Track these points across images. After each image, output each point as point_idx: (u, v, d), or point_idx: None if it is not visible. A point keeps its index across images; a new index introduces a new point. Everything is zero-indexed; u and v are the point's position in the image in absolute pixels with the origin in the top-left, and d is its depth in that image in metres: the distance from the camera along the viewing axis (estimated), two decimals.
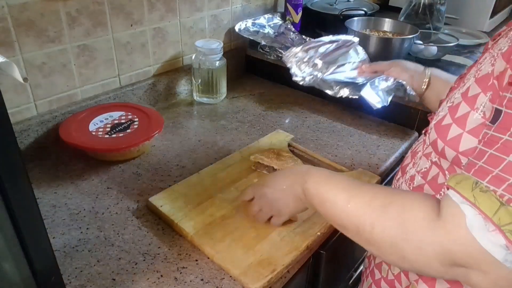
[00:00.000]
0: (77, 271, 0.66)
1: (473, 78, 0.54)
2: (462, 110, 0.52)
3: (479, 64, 0.57)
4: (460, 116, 0.52)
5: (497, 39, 0.58)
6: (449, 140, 0.53)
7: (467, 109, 0.51)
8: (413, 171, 0.63)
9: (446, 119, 0.54)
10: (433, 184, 0.58)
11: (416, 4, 1.43)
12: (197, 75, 1.15)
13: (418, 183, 0.61)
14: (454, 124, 0.52)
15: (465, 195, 0.44)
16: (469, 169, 0.46)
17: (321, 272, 0.83)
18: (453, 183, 0.46)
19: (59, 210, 0.78)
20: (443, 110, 0.57)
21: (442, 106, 0.59)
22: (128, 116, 0.98)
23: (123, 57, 1.05)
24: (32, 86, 0.90)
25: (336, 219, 0.58)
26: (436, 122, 0.56)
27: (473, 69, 0.58)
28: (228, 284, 0.64)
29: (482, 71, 0.52)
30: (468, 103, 0.51)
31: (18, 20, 0.83)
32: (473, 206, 0.43)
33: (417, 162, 0.64)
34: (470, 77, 0.56)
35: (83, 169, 0.90)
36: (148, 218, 0.77)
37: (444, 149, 0.54)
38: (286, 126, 1.09)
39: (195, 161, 0.94)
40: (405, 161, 0.69)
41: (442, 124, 0.54)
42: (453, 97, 0.56)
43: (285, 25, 1.34)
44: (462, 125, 0.51)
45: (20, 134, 0.89)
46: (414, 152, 0.67)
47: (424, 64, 0.93)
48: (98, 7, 0.95)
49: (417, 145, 0.68)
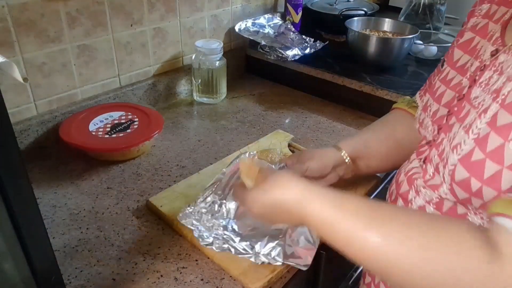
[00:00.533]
0: (77, 271, 0.66)
1: (495, 103, 0.49)
2: (495, 143, 0.46)
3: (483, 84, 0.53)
4: (494, 149, 0.46)
5: (496, 55, 0.55)
6: (487, 179, 0.46)
7: (500, 140, 0.46)
8: (420, 201, 0.58)
9: (475, 154, 0.48)
10: (451, 215, 0.53)
11: (416, 4, 1.43)
12: (197, 75, 1.15)
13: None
14: (489, 159, 0.46)
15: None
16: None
17: (321, 272, 0.83)
18: (501, 209, 0.41)
19: (59, 210, 0.78)
20: (466, 143, 0.50)
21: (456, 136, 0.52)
22: (128, 116, 0.98)
23: (123, 57, 1.05)
24: (32, 86, 0.90)
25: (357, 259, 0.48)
26: (463, 157, 0.49)
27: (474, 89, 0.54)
28: (228, 284, 0.64)
29: (508, 96, 0.47)
30: (500, 134, 0.46)
31: (18, 20, 0.83)
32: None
33: (420, 191, 0.58)
34: (482, 101, 0.51)
35: (83, 169, 0.90)
36: (148, 218, 0.77)
37: (482, 189, 0.47)
38: (286, 126, 1.09)
39: (195, 161, 0.94)
40: (401, 186, 0.63)
41: (472, 160, 0.48)
42: (475, 127, 0.49)
43: (285, 25, 1.34)
44: (499, 160, 0.45)
45: (20, 134, 0.89)
46: (411, 178, 0.61)
47: (424, 64, 0.92)
48: (98, 7, 0.95)
49: (412, 169, 0.63)
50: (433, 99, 0.65)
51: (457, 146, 0.51)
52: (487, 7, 0.64)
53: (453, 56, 0.65)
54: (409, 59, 1.31)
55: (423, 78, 1.17)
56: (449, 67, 0.65)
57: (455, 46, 0.66)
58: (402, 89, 1.10)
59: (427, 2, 1.41)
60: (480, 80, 0.55)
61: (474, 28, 0.64)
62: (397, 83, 1.14)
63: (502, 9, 0.60)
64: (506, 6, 0.60)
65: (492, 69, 0.54)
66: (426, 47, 1.29)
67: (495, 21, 0.60)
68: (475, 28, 0.63)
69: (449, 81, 0.63)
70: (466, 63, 0.62)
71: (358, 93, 1.14)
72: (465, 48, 0.63)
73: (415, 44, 1.28)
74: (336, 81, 1.18)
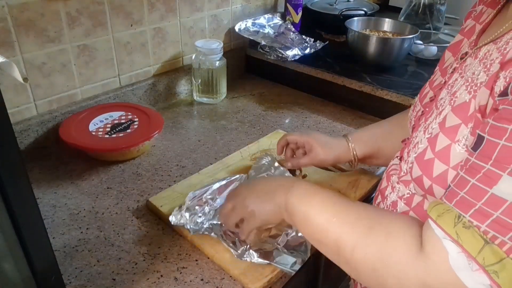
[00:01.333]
0: (77, 271, 0.66)
1: (448, 105, 0.51)
2: (442, 143, 0.49)
3: (449, 86, 0.54)
4: (442, 149, 0.49)
5: (465, 57, 0.55)
6: (435, 177, 0.50)
7: (447, 141, 0.48)
8: (394, 197, 0.60)
9: (427, 153, 0.51)
10: (418, 211, 0.56)
11: (416, 4, 1.43)
12: (197, 75, 1.15)
13: (402, 209, 0.58)
14: (437, 159, 0.49)
15: (447, 231, 0.42)
16: (451, 198, 0.44)
17: (321, 272, 0.83)
18: (435, 215, 0.44)
19: (59, 210, 0.78)
20: (422, 142, 0.53)
21: (418, 135, 0.55)
22: (128, 116, 0.98)
23: (123, 57, 1.05)
24: (32, 86, 0.90)
25: (317, 236, 0.56)
26: (418, 155, 0.53)
27: (443, 91, 0.56)
28: (228, 284, 0.64)
29: (458, 99, 0.49)
30: (448, 135, 0.49)
31: (18, 20, 0.83)
32: (456, 244, 0.42)
33: (395, 186, 0.61)
34: (443, 102, 0.53)
35: (83, 169, 0.90)
36: (148, 218, 0.77)
37: (432, 187, 0.50)
38: (286, 126, 1.09)
39: (195, 161, 0.94)
40: (382, 183, 0.66)
41: (425, 159, 0.51)
42: (430, 127, 0.53)
43: (285, 25, 1.34)
44: (446, 160, 0.48)
45: (20, 134, 0.89)
46: (389, 174, 0.64)
47: (424, 64, 0.92)
48: (98, 7, 0.95)
49: (391, 166, 0.65)
50: (419, 99, 0.67)
51: (416, 145, 0.55)
52: (480, 8, 0.63)
53: (444, 57, 0.66)
54: (409, 59, 1.31)
55: (423, 78, 1.17)
56: (438, 68, 0.66)
57: (448, 48, 0.67)
58: (402, 89, 1.10)
59: (427, 2, 1.41)
60: (449, 82, 0.56)
61: (463, 30, 0.64)
62: (397, 83, 1.14)
63: (488, 10, 0.60)
64: (491, 7, 0.59)
65: (459, 72, 0.54)
66: (426, 47, 1.29)
67: (480, 22, 0.60)
68: (464, 30, 0.64)
69: (433, 82, 0.65)
70: (449, 64, 0.62)
71: (358, 93, 1.14)
72: (453, 50, 0.64)
73: (415, 44, 1.28)
74: (336, 81, 1.18)
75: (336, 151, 0.78)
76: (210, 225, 0.71)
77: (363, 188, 0.84)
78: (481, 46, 0.52)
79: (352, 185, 0.84)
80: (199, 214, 0.72)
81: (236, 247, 0.67)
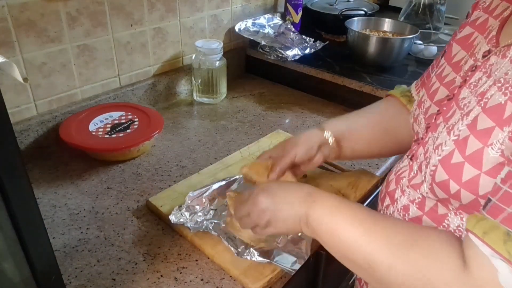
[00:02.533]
0: (77, 271, 0.66)
1: (477, 106, 0.48)
2: (473, 146, 0.46)
3: (472, 85, 0.52)
4: (473, 153, 0.46)
5: (488, 55, 0.53)
6: (465, 182, 0.47)
7: (479, 144, 0.46)
8: (405, 201, 0.58)
9: (455, 156, 0.48)
10: (432, 215, 0.54)
11: (416, 4, 1.43)
12: (197, 75, 1.15)
13: (415, 214, 0.56)
14: (467, 163, 0.46)
15: (497, 249, 0.40)
16: (496, 214, 0.41)
17: (321, 272, 0.83)
18: (480, 232, 0.42)
19: (59, 210, 0.78)
20: (447, 144, 0.50)
21: (440, 136, 0.53)
22: (128, 116, 0.98)
23: (123, 57, 1.05)
24: (32, 86, 0.90)
25: (345, 252, 0.53)
26: (443, 158, 0.50)
27: (463, 90, 0.53)
28: (228, 284, 0.64)
29: (490, 100, 0.47)
30: (480, 138, 0.46)
31: (18, 20, 0.83)
32: (507, 262, 0.39)
33: (405, 190, 0.59)
34: (468, 103, 0.51)
35: (83, 169, 0.90)
36: (148, 218, 0.77)
37: (460, 192, 0.48)
38: (286, 126, 1.09)
39: (195, 161, 0.94)
40: (390, 185, 0.64)
41: (452, 162, 0.48)
42: (456, 129, 0.50)
43: (285, 25, 1.34)
44: (477, 165, 0.46)
45: (20, 134, 0.89)
46: (399, 177, 0.62)
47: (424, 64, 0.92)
48: (98, 7, 0.95)
49: (401, 168, 0.63)
50: (427, 95, 0.64)
51: (439, 147, 0.52)
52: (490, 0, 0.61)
53: (451, 50, 0.63)
54: (409, 59, 1.31)
55: None
56: (446, 61, 0.63)
57: (454, 40, 0.64)
58: None
59: (427, 2, 1.41)
60: (470, 81, 0.53)
61: (474, 23, 0.61)
62: (397, 83, 1.13)
63: (503, 4, 0.57)
64: (507, 1, 0.57)
65: (482, 71, 0.52)
66: (426, 47, 1.29)
67: (495, 16, 0.57)
68: (475, 23, 0.61)
69: (444, 78, 0.62)
70: (461, 59, 0.60)
71: (358, 93, 1.14)
72: (463, 43, 0.61)
73: (415, 44, 1.28)
74: (336, 81, 1.18)
75: (304, 136, 0.74)
76: (211, 223, 0.71)
77: (363, 189, 0.84)
78: (510, 45, 0.50)
79: (352, 185, 0.84)
80: (199, 213, 0.72)
81: (237, 246, 0.67)
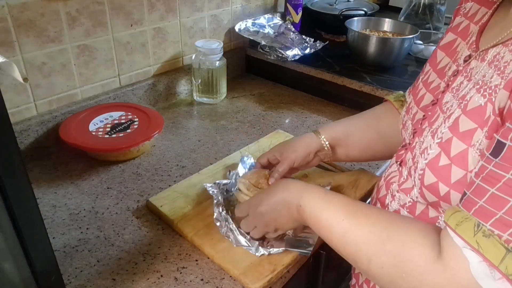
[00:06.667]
0: (77, 271, 0.66)
1: (458, 109, 0.50)
2: (458, 148, 0.48)
3: (454, 90, 0.53)
4: (458, 154, 0.48)
5: (468, 60, 0.54)
6: (454, 183, 0.48)
7: (463, 146, 0.47)
8: (395, 205, 0.60)
9: (442, 159, 0.49)
10: (423, 219, 0.55)
11: (416, 4, 1.43)
12: (197, 75, 1.15)
13: None
14: (454, 164, 0.48)
15: (467, 240, 0.42)
16: (469, 206, 0.43)
17: (321, 272, 0.83)
18: (453, 224, 0.44)
19: (59, 210, 0.78)
20: (432, 147, 0.52)
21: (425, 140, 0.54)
22: (128, 116, 0.98)
23: (123, 57, 1.05)
24: (32, 86, 0.90)
25: (333, 245, 0.56)
26: (430, 162, 0.51)
27: (446, 95, 0.54)
28: (228, 284, 0.64)
29: (470, 102, 0.48)
30: (463, 140, 0.47)
31: (18, 20, 0.83)
32: (476, 253, 0.41)
33: (395, 195, 0.60)
34: (450, 106, 0.52)
35: (83, 169, 0.90)
36: (148, 218, 0.77)
37: (450, 193, 0.49)
38: (286, 126, 1.09)
39: (195, 161, 0.94)
40: (380, 191, 0.65)
41: (440, 165, 0.50)
42: (439, 132, 0.51)
43: (285, 25, 1.34)
44: (463, 165, 0.47)
45: (20, 134, 0.89)
46: (388, 182, 0.63)
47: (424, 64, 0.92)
48: (98, 7, 0.95)
49: (390, 174, 0.64)
50: (414, 101, 0.65)
51: (424, 151, 0.53)
52: (470, 5, 0.62)
53: (436, 56, 0.65)
54: (409, 59, 1.31)
55: None
56: (431, 68, 0.65)
57: (438, 46, 0.65)
58: (402, 89, 1.08)
59: (427, 2, 1.41)
60: (453, 85, 0.55)
61: (456, 29, 0.63)
62: (397, 83, 1.14)
63: (482, 10, 0.58)
64: (486, 7, 0.58)
65: (463, 75, 0.53)
66: (426, 47, 1.29)
67: (475, 22, 0.59)
68: (457, 29, 0.62)
69: (429, 84, 0.63)
70: (445, 66, 0.61)
71: (358, 93, 1.14)
72: (447, 50, 0.63)
73: (415, 44, 1.28)
74: (336, 81, 1.18)
75: (302, 142, 0.76)
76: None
77: (363, 188, 0.84)
78: (488, 49, 0.51)
79: (352, 185, 0.84)
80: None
81: (250, 244, 0.68)
